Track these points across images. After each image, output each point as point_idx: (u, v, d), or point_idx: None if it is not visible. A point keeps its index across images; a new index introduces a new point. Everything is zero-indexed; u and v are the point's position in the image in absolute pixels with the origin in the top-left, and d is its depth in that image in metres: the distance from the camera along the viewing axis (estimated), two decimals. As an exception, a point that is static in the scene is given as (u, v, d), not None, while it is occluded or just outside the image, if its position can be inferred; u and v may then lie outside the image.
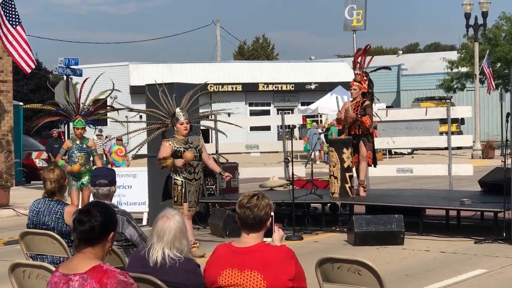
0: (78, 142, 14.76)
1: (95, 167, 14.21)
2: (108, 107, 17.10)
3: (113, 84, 16.36)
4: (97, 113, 15.89)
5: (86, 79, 16.41)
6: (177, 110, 12.19)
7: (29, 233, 7.21)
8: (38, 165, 27.88)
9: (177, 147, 11.89)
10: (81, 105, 15.35)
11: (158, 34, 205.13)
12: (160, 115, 12.91)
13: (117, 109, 16.70)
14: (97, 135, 30.93)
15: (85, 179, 14.48)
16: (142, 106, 16.48)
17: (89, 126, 15.82)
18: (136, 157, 27.94)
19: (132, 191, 16.71)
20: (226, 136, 15.17)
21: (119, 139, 28.49)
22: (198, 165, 12.09)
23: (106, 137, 30.96)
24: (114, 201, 8.03)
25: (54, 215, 7.19)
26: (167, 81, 16.39)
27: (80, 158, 14.65)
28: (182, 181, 11.97)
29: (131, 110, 14.55)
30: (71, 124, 16.31)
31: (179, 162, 11.75)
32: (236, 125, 16.48)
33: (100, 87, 16.19)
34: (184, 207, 11.88)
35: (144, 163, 18.28)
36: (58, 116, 15.88)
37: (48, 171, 7.33)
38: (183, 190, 11.96)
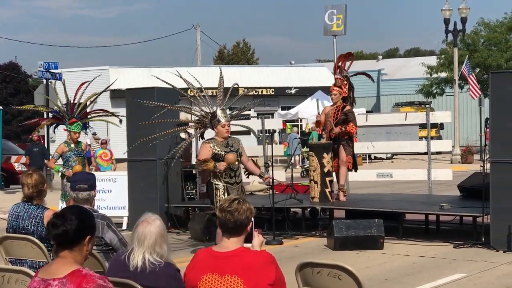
0: (73, 145, 14.47)
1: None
2: (102, 111, 16.58)
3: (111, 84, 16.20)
4: (91, 116, 15.67)
5: (84, 82, 16.08)
6: (219, 111, 11.83)
7: (8, 237, 7.17)
8: (17, 169, 27.68)
9: (218, 150, 11.50)
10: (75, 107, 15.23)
11: (139, 38, 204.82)
12: (200, 115, 12.55)
13: (114, 114, 16.25)
14: (95, 139, 30.85)
15: None
16: (122, 110, 16.48)
17: (82, 130, 15.42)
18: (116, 161, 27.89)
19: (112, 195, 16.65)
20: (259, 137, 14.81)
21: (103, 143, 28.19)
22: (239, 169, 11.74)
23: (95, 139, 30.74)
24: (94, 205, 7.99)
25: (33, 220, 7.16)
26: (147, 85, 16.41)
27: (78, 162, 14.36)
28: (223, 185, 11.54)
29: (163, 107, 13.36)
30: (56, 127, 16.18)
31: (221, 165, 11.34)
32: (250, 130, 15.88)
33: (81, 91, 16.04)
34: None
35: (124, 167, 18.23)
36: (51, 119, 15.64)
37: (26, 176, 7.29)
38: (226, 195, 11.38)
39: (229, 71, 53.68)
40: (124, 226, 15.68)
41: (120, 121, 16.15)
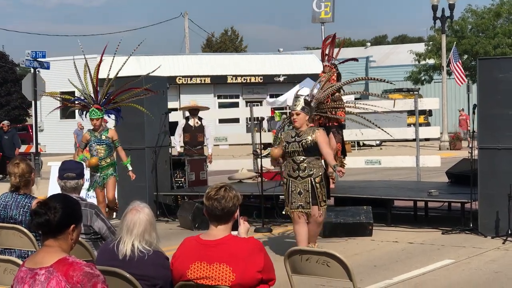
0: (96, 133, 13.57)
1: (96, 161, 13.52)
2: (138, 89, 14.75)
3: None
4: (115, 101, 14.19)
5: (100, 62, 14.73)
6: (295, 97, 10.85)
7: (-4, 227, 7.15)
8: None
9: (284, 139, 10.73)
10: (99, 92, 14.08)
11: (126, 26, 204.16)
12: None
13: (152, 91, 14.68)
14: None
15: (109, 171, 13.51)
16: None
17: (108, 116, 14.32)
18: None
19: (100, 184, 16.60)
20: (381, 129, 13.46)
21: (81, 128, 26.89)
22: (304, 161, 10.43)
23: None
24: (82, 194, 7.98)
25: (21, 209, 7.13)
26: (135, 73, 16.35)
27: (100, 151, 13.49)
28: (286, 179, 10.66)
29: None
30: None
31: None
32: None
33: (68, 80, 15.79)
34: (289, 210, 10.60)
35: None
36: (76, 105, 14.73)
37: (13, 165, 7.27)
38: (287, 189, 10.60)
39: (217, 59, 53.69)
40: (114, 215, 15.65)
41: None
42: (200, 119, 17.38)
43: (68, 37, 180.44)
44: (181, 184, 16.70)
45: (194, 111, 17.39)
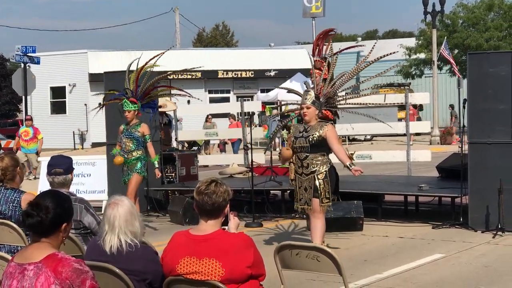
0: (127, 126, 13.16)
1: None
2: (167, 87, 14.81)
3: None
4: (150, 95, 13.84)
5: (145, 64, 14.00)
6: (305, 91, 10.65)
7: (-15, 222, 7.12)
8: None
9: (293, 134, 10.50)
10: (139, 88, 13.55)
11: (117, 21, 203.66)
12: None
13: (182, 90, 14.54)
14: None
15: (136, 167, 13.02)
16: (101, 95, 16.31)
17: (143, 110, 13.81)
18: (94, 145, 27.60)
19: (91, 179, 16.61)
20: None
21: (28, 119, 24.93)
22: (307, 158, 10.25)
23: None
24: (73, 189, 7.95)
25: (11, 204, 7.11)
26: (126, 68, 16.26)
27: (127, 144, 13.07)
28: (294, 175, 10.56)
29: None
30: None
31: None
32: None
33: (59, 75, 15.74)
34: (297, 206, 10.56)
35: (103, 151, 18.16)
36: (115, 99, 14.07)
37: (-2, 159, 7.25)
38: (295, 185, 10.51)
39: (208, 54, 53.63)
40: (103, 210, 15.60)
41: (188, 101, 14.98)
42: (166, 115, 17.54)
43: (58, 32, 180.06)
44: (171, 179, 16.68)
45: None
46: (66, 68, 45.99)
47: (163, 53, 13.69)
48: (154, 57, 13.76)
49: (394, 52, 15.43)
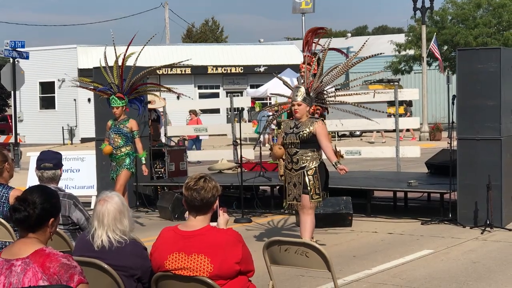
0: (116, 122, 13.15)
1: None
2: (155, 85, 14.96)
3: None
4: (137, 90, 13.85)
5: (125, 54, 14.11)
6: (295, 87, 10.70)
7: (-27, 218, 7.09)
8: None
9: (283, 130, 10.51)
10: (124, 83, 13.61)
11: (107, 16, 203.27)
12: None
13: (171, 89, 14.49)
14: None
15: (124, 163, 13.02)
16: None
17: (130, 105, 13.74)
18: (83, 140, 27.57)
19: (80, 174, 16.58)
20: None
21: None
22: (297, 153, 10.24)
23: None
24: (62, 184, 7.93)
25: (-1, 200, 7.07)
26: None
27: (115, 140, 13.04)
28: (284, 170, 10.58)
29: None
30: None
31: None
32: None
33: (49, 71, 15.70)
34: (286, 202, 10.55)
35: (92, 146, 18.12)
36: (102, 93, 13.75)
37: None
38: (284, 181, 10.55)
39: (198, 50, 53.56)
40: (93, 206, 15.56)
41: (178, 97, 15.10)
42: (155, 110, 17.51)
43: (47, 27, 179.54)
44: (161, 175, 16.68)
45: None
46: (55, 63, 45.89)
47: (143, 47, 13.90)
48: (127, 49, 14.01)
49: (381, 53, 15.51)
